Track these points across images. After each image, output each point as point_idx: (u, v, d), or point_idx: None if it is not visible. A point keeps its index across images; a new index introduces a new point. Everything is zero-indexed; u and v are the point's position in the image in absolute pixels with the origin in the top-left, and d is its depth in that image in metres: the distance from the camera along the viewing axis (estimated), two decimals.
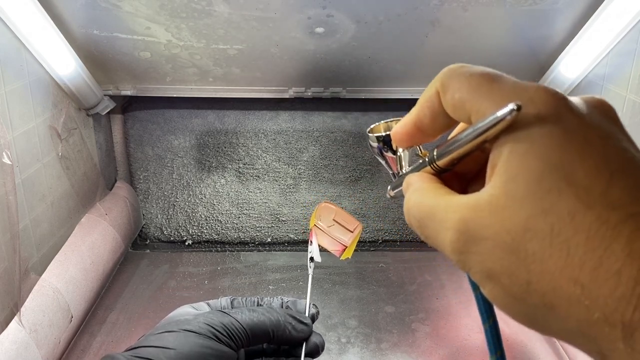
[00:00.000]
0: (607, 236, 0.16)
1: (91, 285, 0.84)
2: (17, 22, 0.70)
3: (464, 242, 0.19)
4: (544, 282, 0.17)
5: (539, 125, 0.18)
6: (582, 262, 0.17)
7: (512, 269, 0.18)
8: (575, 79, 0.84)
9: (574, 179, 0.17)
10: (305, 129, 1.06)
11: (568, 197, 0.17)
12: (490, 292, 0.19)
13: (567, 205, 0.17)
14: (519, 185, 0.18)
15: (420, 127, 0.23)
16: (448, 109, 0.21)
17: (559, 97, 0.19)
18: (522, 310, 0.19)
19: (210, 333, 0.40)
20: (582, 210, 0.17)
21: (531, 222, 0.18)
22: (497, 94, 0.19)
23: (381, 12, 0.75)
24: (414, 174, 0.24)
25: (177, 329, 0.40)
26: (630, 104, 0.70)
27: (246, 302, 0.47)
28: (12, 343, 0.63)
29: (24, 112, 0.73)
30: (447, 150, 0.22)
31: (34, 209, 0.75)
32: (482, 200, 0.19)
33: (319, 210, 0.55)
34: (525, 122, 0.18)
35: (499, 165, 0.19)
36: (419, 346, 0.78)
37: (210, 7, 0.74)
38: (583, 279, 0.17)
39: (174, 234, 1.06)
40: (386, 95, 0.98)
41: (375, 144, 0.28)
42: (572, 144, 0.18)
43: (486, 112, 0.19)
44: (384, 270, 0.97)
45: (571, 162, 0.18)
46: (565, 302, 0.17)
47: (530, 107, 0.19)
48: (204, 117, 1.06)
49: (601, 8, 0.73)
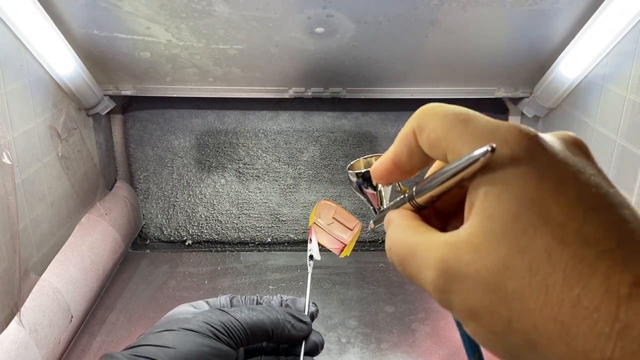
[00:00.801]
0: (583, 273, 0.17)
1: (91, 285, 0.84)
2: (17, 22, 0.70)
3: (445, 281, 0.19)
4: (524, 320, 0.18)
5: (512, 165, 0.19)
6: (561, 299, 0.17)
7: (493, 308, 0.18)
8: (575, 79, 0.84)
9: (549, 217, 0.18)
10: (305, 129, 1.06)
11: (544, 235, 0.17)
12: (472, 330, 0.19)
13: (544, 243, 0.17)
14: (496, 225, 0.18)
15: (398, 164, 0.24)
16: (424, 147, 0.22)
17: (531, 135, 0.19)
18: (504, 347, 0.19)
19: (209, 332, 0.40)
20: (559, 248, 0.17)
21: (509, 261, 0.18)
22: (471, 134, 0.20)
23: (381, 12, 0.75)
24: (394, 211, 0.25)
25: (177, 328, 0.40)
26: (630, 104, 0.70)
27: (245, 300, 0.47)
28: (12, 343, 0.63)
29: (24, 112, 0.73)
30: (425, 188, 0.22)
31: (34, 209, 0.75)
32: (461, 239, 0.19)
33: (318, 208, 0.55)
34: (500, 162, 0.19)
35: (476, 204, 0.19)
36: (419, 346, 0.78)
37: (210, 7, 0.74)
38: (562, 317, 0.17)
39: (174, 234, 1.06)
40: (386, 95, 0.98)
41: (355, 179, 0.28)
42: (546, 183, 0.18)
43: (461, 152, 0.20)
44: (384, 270, 0.97)
45: (546, 200, 0.18)
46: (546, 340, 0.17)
47: (504, 147, 0.19)
48: (204, 117, 1.06)
49: (601, 8, 0.73)
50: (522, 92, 0.96)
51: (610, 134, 0.74)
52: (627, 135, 0.70)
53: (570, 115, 0.87)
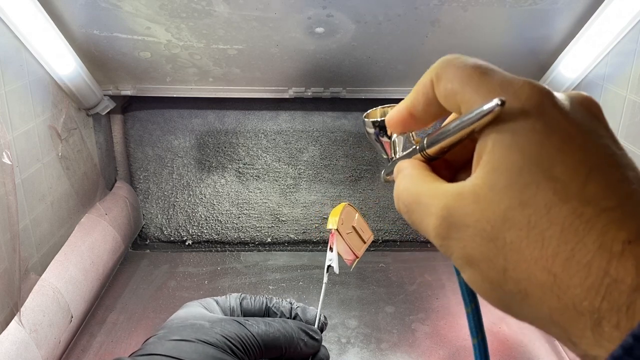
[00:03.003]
0: (580, 229, 0.17)
1: (91, 285, 0.84)
2: (17, 22, 0.70)
3: (447, 228, 0.20)
4: (519, 270, 0.18)
5: (522, 120, 0.19)
6: (556, 253, 0.17)
7: (490, 256, 0.19)
8: (575, 79, 0.84)
9: (552, 174, 0.18)
10: (305, 129, 1.06)
11: (545, 191, 0.18)
12: (469, 277, 0.20)
13: (544, 199, 0.18)
14: (500, 177, 0.19)
15: (413, 113, 0.24)
16: (440, 98, 0.22)
17: (544, 92, 0.19)
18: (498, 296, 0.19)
19: (226, 346, 0.39)
20: (558, 204, 0.18)
21: (510, 213, 0.18)
22: (485, 87, 0.20)
23: (381, 12, 0.75)
24: (405, 160, 0.25)
25: (194, 339, 0.39)
26: (631, 104, 0.70)
27: (255, 303, 0.47)
28: (12, 343, 0.63)
29: (24, 112, 0.73)
30: (437, 139, 0.23)
31: (34, 209, 0.75)
32: (465, 189, 0.20)
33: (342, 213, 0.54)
34: (510, 115, 0.19)
35: (483, 156, 0.20)
36: (419, 346, 0.78)
37: (210, 7, 0.74)
38: (555, 269, 0.17)
39: (174, 234, 1.06)
40: (386, 95, 0.98)
41: (371, 129, 0.29)
42: (553, 139, 0.18)
43: (474, 105, 0.20)
44: (384, 270, 0.97)
45: (551, 157, 0.18)
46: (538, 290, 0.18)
47: (515, 101, 0.19)
48: (204, 117, 1.06)
49: (601, 8, 0.73)
50: None
51: None
52: (627, 135, 0.70)
53: None
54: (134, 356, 0.39)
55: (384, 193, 1.07)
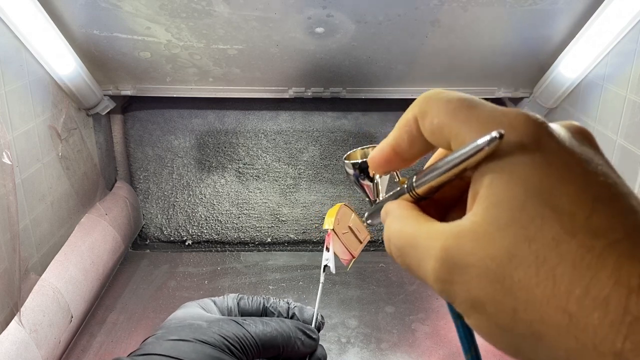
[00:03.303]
0: (592, 264, 0.16)
1: (91, 285, 0.84)
2: (17, 22, 0.70)
3: (447, 271, 0.19)
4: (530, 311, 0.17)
5: (520, 153, 0.18)
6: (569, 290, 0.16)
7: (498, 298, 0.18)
8: (575, 79, 0.84)
9: (557, 206, 0.17)
10: (305, 129, 1.06)
11: (552, 224, 0.17)
12: (475, 322, 0.19)
13: (551, 232, 0.17)
14: (502, 213, 0.18)
15: (398, 151, 0.23)
16: (426, 134, 0.21)
17: (539, 123, 0.19)
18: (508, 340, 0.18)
19: (224, 345, 0.40)
20: (567, 237, 0.17)
21: (516, 250, 0.17)
22: (476, 120, 0.19)
23: (381, 12, 0.75)
24: (392, 202, 0.24)
25: (192, 339, 0.39)
26: (631, 104, 0.70)
27: (252, 303, 0.47)
28: (12, 343, 0.63)
29: (24, 112, 0.73)
30: (427, 178, 0.22)
31: (34, 209, 0.75)
32: (464, 228, 0.19)
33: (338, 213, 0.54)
34: (507, 149, 0.18)
35: (480, 192, 0.19)
36: (419, 346, 0.78)
37: (210, 7, 0.74)
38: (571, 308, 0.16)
39: (174, 234, 1.06)
40: (386, 95, 0.98)
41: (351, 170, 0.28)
42: (554, 171, 0.18)
43: (465, 139, 0.19)
44: (384, 270, 0.97)
45: (554, 188, 0.17)
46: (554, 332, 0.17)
47: (511, 134, 0.18)
48: (204, 117, 1.06)
49: (601, 8, 0.73)
50: (522, 92, 0.96)
51: (610, 134, 0.74)
52: (627, 135, 0.70)
53: (570, 115, 0.87)
54: (133, 356, 0.39)
55: None
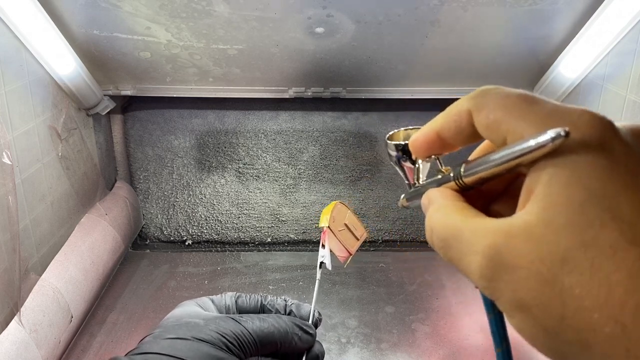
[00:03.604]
0: None
1: (91, 285, 0.84)
2: (17, 22, 0.70)
3: (494, 269, 0.18)
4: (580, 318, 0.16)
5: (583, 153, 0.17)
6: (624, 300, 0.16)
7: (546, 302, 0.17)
8: (575, 79, 0.84)
9: (618, 213, 0.17)
10: (305, 129, 1.06)
11: (611, 231, 0.16)
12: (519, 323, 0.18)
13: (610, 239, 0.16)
14: (558, 214, 0.17)
15: (442, 137, 0.23)
16: (481, 128, 0.21)
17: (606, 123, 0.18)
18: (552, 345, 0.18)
19: (221, 343, 0.40)
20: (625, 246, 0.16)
21: (570, 254, 0.17)
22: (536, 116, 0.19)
23: (381, 12, 0.75)
24: (435, 189, 0.23)
25: (190, 337, 0.39)
26: (631, 104, 0.70)
27: (250, 301, 0.47)
28: (12, 343, 0.63)
29: (24, 112, 0.73)
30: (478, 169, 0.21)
31: (34, 209, 0.75)
32: (515, 226, 0.18)
33: (334, 211, 0.53)
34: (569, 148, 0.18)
35: (536, 190, 0.18)
36: (419, 346, 0.78)
37: (210, 7, 0.74)
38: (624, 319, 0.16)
39: (174, 234, 1.06)
40: (386, 95, 0.98)
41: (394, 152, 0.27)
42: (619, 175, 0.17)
43: (524, 134, 0.19)
44: (384, 270, 0.97)
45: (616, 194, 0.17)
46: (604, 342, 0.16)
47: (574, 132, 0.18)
48: (204, 117, 1.06)
49: (601, 8, 0.73)
50: None
51: None
52: None
53: None
54: (130, 355, 0.39)
55: (383, 193, 1.07)
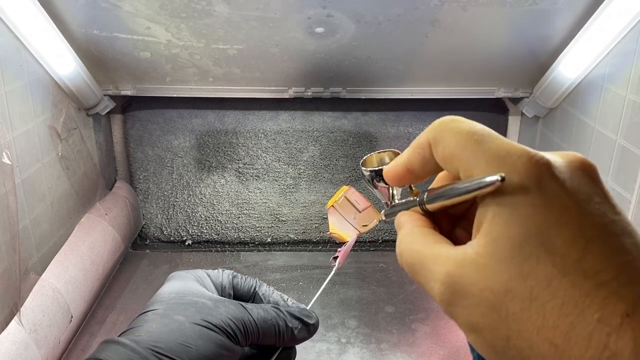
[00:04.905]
0: (579, 303, 0.18)
1: (91, 285, 0.84)
2: (17, 22, 0.70)
3: (451, 295, 0.21)
4: (522, 340, 0.19)
5: (521, 194, 0.19)
6: (557, 325, 0.18)
7: (494, 325, 0.19)
8: (575, 79, 0.84)
9: (551, 247, 0.19)
10: (305, 129, 1.06)
11: (545, 264, 0.19)
12: (474, 342, 0.21)
13: (545, 272, 0.19)
14: (501, 249, 0.19)
15: (410, 170, 0.25)
16: (438, 160, 0.23)
17: (541, 163, 0.20)
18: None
19: (230, 329, 0.39)
20: (558, 277, 0.18)
21: (512, 285, 0.19)
22: (483, 156, 0.21)
23: (381, 12, 0.75)
24: (405, 214, 0.26)
25: (200, 320, 0.39)
26: (631, 104, 0.70)
27: (245, 283, 0.47)
28: (12, 343, 0.63)
29: (24, 112, 0.73)
30: (436, 198, 0.24)
31: (34, 209, 0.75)
32: (468, 257, 0.20)
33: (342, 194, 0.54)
34: (509, 188, 0.20)
35: (484, 225, 0.20)
36: (419, 346, 0.78)
37: (210, 7, 0.74)
38: (557, 340, 0.18)
39: (174, 234, 1.06)
40: (386, 95, 0.98)
41: (368, 175, 0.29)
42: (552, 213, 0.19)
43: (473, 172, 0.21)
44: (384, 270, 0.97)
45: (549, 230, 0.19)
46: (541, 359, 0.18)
47: (513, 174, 0.20)
48: (204, 117, 1.06)
49: (601, 8, 0.73)
50: (522, 92, 0.96)
51: (610, 134, 0.74)
52: (627, 135, 0.70)
53: (570, 115, 0.87)
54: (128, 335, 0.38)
55: None
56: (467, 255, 0.20)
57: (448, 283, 0.21)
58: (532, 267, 0.19)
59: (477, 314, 0.20)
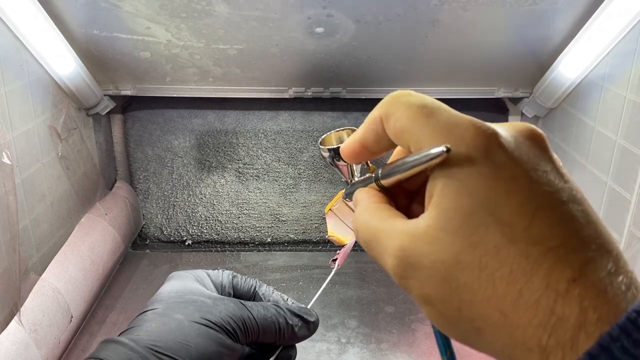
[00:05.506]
0: (527, 270, 0.18)
1: (91, 285, 0.84)
2: (17, 22, 0.70)
3: (404, 268, 0.21)
4: (473, 310, 0.19)
5: (468, 164, 0.19)
6: (505, 293, 0.18)
7: (446, 297, 0.20)
8: (575, 79, 0.84)
9: (499, 216, 0.19)
10: (305, 129, 1.06)
11: (494, 233, 0.19)
12: (428, 313, 0.21)
13: (494, 241, 0.19)
14: (450, 220, 0.19)
15: (365, 146, 0.25)
16: (390, 135, 0.23)
17: (488, 133, 0.20)
18: (455, 331, 0.21)
19: (231, 328, 0.39)
20: (507, 245, 0.18)
21: (462, 255, 0.19)
22: (432, 129, 0.21)
23: (381, 12, 0.75)
24: (362, 190, 0.26)
25: (199, 318, 0.38)
26: (631, 104, 0.70)
27: (244, 283, 0.47)
28: (12, 343, 0.63)
29: (24, 112, 0.73)
30: (389, 173, 0.24)
31: (33, 209, 0.75)
32: (419, 230, 0.20)
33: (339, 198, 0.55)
34: (457, 160, 0.20)
35: (434, 197, 0.20)
36: (419, 346, 0.78)
37: (210, 7, 0.74)
38: (506, 309, 0.18)
39: (174, 234, 1.06)
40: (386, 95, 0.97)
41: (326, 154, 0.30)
42: (499, 182, 0.19)
43: (422, 145, 0.21)
44: (384, 270, 0.97)
45: (497, 199, 0.19)
46: (491, 328, 0.19)
47: (460, 145, 0.20)
48: (204, 117, 1.06)
49: (601, 8, 0.73)
50: (522, 92, 0.96)
51: (610, 134, 0.74)
52: (627, 135, 0.70)
53: (570, 115, 0.87)
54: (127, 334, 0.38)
55: None
56: (419, 228, 0.20)
57: (401, 257, 0.21)
58: (481, 236, 0.19)
59: (430, 286, 0.20)
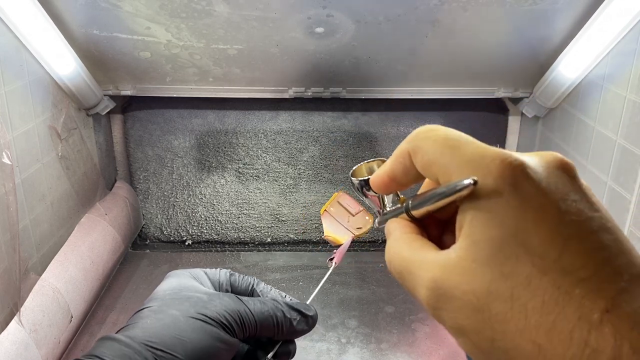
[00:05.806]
0: (560, 301, 0.18)
1: (91, 285, 0.84)
2: (17, 22, 0.70)
3: (436, 299, 0.21)
4: (506, 341, 0.19)
5: (496, 196, 0.20)
6: (539, 324, 0.18)
7: (478, 327, 0.20)
8: (575, 79, 0.84)
9: (529, 247, 0.19)
10: (305, 129, 1.06)
11: (525, 264, 0.19)
12: (462, 345, 0.21)
13: (525, 271, 0.19)
14: (481, 251, 0.20)
15: (393, 179, 0.25)
16: (418, 168, 0.23)
17: (515, 165, 0.20)
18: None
19: (227, 322, 0.39)
20: (538, 276, 0.19)
21: (493, 286, 0.19)
22: (459, 161, 0.21)
23: (381, 12, 0.75)
24: (393, 221, 0.26)
25: (194, 313, 0.38)
26: (631, 104, 0.70)
27: (242, 281, 0.46)
28: (12, 343, 0.63)
29: (24, 112, 0.73)
30: (419, 204, 0.24)
31: (33, 209, 0.75)
32: (451, 261, 0.21)
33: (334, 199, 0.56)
34: (484, 191, 0.20)
35: (464, 228, 0.21)
36: (419, 346, 0.78)
37: (210, 7, 0.74)
38: (539, 340, 0.18)
39: (174, 234, 1.06)
40: (386, 95, 0.98)
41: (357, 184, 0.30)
42: (528, 213, 0.19)
43: (450, 177, 0.21)
44: (384, 270, 0.97)
45: (527, 230, 0.19)
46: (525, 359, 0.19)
47: (487, 177, 0.20)
48: (204, 117, 1.06)
49: (601, 8, 0.73)
50: (522, 92, 0.96)
51: (610, 134, 0.74)
52: (627, 135, 0.70)
53: (570, 115, 0.87)
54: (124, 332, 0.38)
55: None
56: (450, 259, 0.21)
57: (433, 288, 0.21)
58: (512, 267, 0.19)
59: (462, 316, 0.20)
